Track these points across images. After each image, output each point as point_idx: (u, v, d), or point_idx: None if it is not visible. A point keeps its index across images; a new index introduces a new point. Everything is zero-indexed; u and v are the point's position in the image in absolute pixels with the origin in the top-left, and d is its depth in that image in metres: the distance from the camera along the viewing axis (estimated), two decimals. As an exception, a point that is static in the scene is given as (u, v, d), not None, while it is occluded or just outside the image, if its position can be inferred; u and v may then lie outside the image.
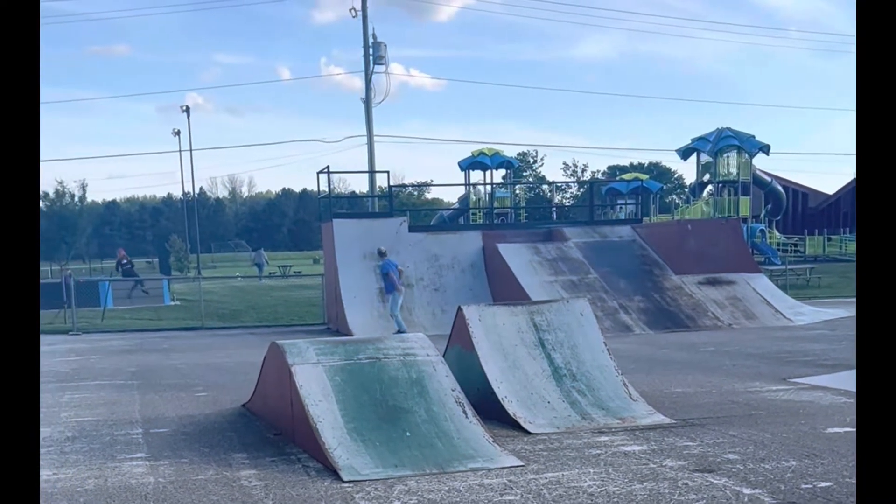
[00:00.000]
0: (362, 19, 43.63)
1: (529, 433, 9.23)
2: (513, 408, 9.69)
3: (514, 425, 9.44)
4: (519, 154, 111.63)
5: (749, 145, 52.16)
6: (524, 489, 7.06)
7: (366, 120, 43.13)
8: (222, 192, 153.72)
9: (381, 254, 21.97)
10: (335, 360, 8.92)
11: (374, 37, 43.81)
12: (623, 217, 45.19)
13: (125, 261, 39.49)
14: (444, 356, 10.50)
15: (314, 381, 8.61)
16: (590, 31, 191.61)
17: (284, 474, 7.83)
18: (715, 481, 7.10)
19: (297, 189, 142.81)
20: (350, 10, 43.95)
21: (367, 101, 43.16)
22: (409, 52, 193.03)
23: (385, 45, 43.74)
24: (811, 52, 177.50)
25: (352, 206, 51.91)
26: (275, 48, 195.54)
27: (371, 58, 43.44)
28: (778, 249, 53.73)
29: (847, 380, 12.11)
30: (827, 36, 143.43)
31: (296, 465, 8.13)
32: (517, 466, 7.83)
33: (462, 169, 54.29)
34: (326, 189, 25.74)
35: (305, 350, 9.03)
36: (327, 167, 25.17)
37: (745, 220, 50.22)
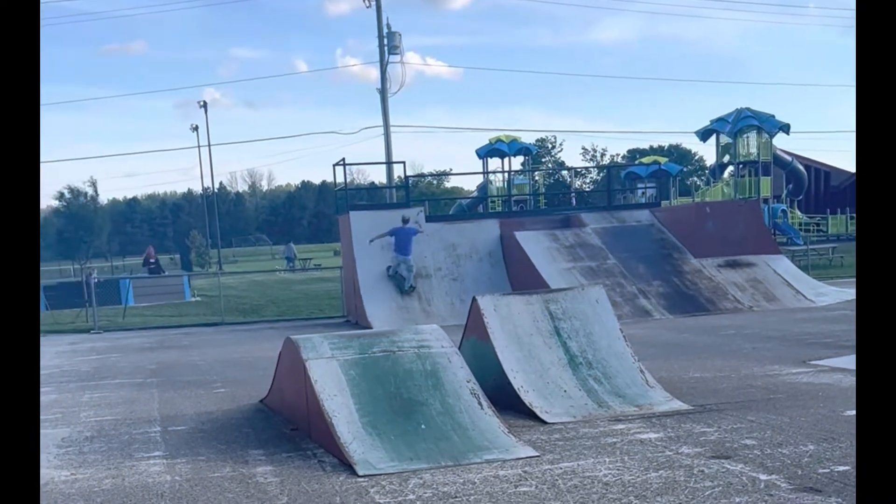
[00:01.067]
0: (376, 9, 43.59)
1: (546, 423, 9.20)
2: (529, 397, 9.66)
3: (531, 415, 9.41)
4: (537, 140, 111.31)
5: (769, 125, 51.84)
6: (539, 480, 7.03)
7: (382, 110, 43.13)
8: (242, 187, 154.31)
9: (405, 221, 22.67)
10: (350, 354, 8.90)
11: (389, 26, 43.75)
12: (643, 201, 45.00)
13: (153, 260, 39.64)
14: (460, 347, 10.50)
15: (329, 375, 8.60)
16: (606, 14, 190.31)
17: (300, 470, 7.83)
18: (731, 468, 7.05)
19: (317, 181, 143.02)
20: (364, 1, 43.93)
21: (383, 92, 43.13)
22: (424, 41, 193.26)
23: (400, 35, 43.67)
24: (830, 29, 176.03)
25: (371, 197, 51.94)
26: (290, 41, 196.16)
27: (386, 48, 43.38)
28: (800, 229, 53.43)
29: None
30: (845, 12, 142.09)
31: (311, 461, 8.13)
32: (533, 457, 7.80)
33: (480, 157, 54.18)
34: (343, 181, 25.65)
35: (320, 345, 9.02)
36: (343, 159, 25.15)
37: (766, 201, 49.97)
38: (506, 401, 9.65)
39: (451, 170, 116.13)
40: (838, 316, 18.73)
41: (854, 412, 8.93)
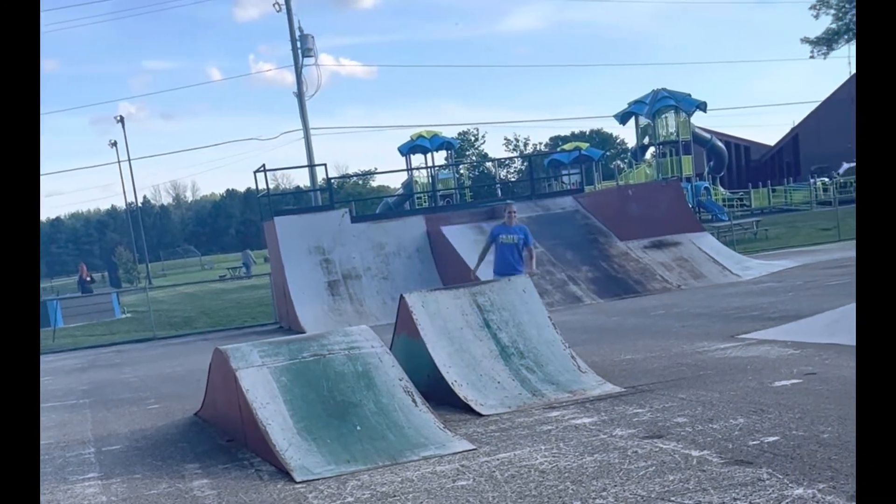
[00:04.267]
0: (287, 13, 43.27)
1: (481, 415, 9.23)
2: (463, 391, 9.69)
3: (466, 409, 9.44)
4: (459, 134, 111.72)
5: (686, 104, 52.58)
6: (477, 472, 7.06)
7: (300, 114, 42.90)
8: (166, 199, 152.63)
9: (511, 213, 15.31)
10: (280, 360, 8.85)
11: (301, 29, 43.49)
12: (567, 188, 45.30)
13: (87, 277, 39.02)
14: (391, 345, 10.50)
15: (260, 383, 8.55)
16: (516, 4, 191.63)
17: (237, 480, 7.77)
18: (664, 446, 7.14)
19: (241, 189, 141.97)
20: (274, 5, 43.55)
21: (300, 95, 42.89)
22: (337, 42, 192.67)
23: (312, 37, 43.42)
24: (737, 5, 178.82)
25: (297, 201, 51.70)
26: (202, 49, 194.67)
27: (300, 51, 43.12)
28: (724, 205, 54.21)
29: (793, 331, 12.24)
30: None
31: (249, 470, 8.07)
32: (469, 450, 7.82)
33: (402, 154, 54.26)
34: (265, 188, 25.51)
35: (249, 353, 8.96)
36: (263, 166, 25.03)
37: (688, 179, 50.67)
38: (441, 396, 9.67)
39: (375, 169, 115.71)
40: (764, 289, 19.04)
41: (783, 382, 9.11)
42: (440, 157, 57.88)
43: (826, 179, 64.45)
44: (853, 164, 70.16)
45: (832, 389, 8.49)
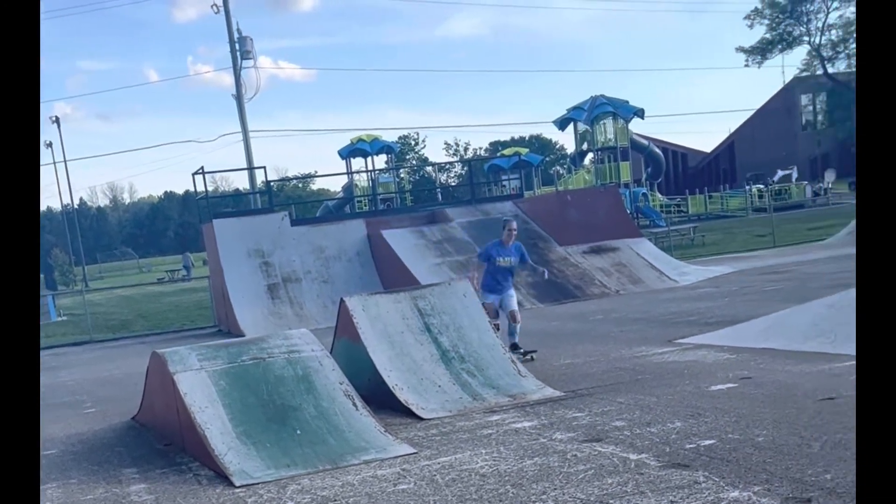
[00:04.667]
0: (225, 14, 42.87)
1: (422, 419, 9.24)
2: (404, 395, 9.70)
3: (407, 412, 9.45)
4: (400, 138, 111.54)
5: (623, 111, 53.07)
6: (417, 476, 7.07)
7: (239, 116, 42.52)
8: (103, 201, 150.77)
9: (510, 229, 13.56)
10: (218, 364, 8.80)
11: (239, 31, 43.07)
12: (507, 193, 45.46)
13: None
14: (332, 349, 10.49)
15: (198, 387, 8.49)
16: (455, 9, 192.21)
17: (175, 485, 7.71)
18: (603, 450, 7.20)
19: (180, 191, 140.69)
20: (212, 6, 43.10)
21: (239, 98, 42.53)
22: (275, 44, 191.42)
23: (251, 39, 43.04)
24: (675, 14, 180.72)
25: (236, 203, 51.36)
26: (139, 50, 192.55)
27: (238, 53, 42.78)
28: (662, 211, 54.70)
29: (729, 336, 12.41)
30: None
31: (187, 475, 8.01)
32: (410, 454, 7.84)
33: (342, 157, 54.12)
34: (203, 190, 25.31)
35: (187, 357, 8.89)
36: (201, 168, 24.83)
37: (626, 186, 51.10)
38: (382, 400, 9.67)
39: (315, 172, 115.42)
40: (701, 294, 19.27)
41: (719, 387, 9.23)
42: (380, 161, 57.82)
43: (761, 186, 65.31)
44: (787, 172, 71.27)
45: (767, 393, 8.62)
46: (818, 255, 25.64)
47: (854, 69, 65.44)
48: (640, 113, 53.60)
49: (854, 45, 63.95)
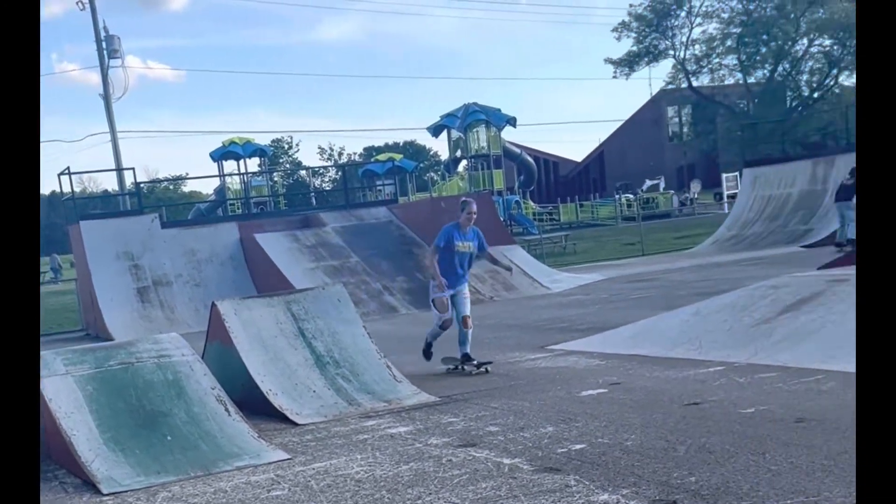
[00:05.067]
0: (91, 12, 41.86)
1: (297, 424, 9.17)
2: (278, 400, 9.60)
3: (282, 418, 9.36)
4: (273, 141, 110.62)
5: (496, 119, 53.69)
6: (292, 482, 7.01)
7: (107, 116, 41.65)
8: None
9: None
10: (85, 368, 8.57)
11: (106, 29, 42.20)
12: (381, 198, 45.49)
13: None
14: (203, 353, 10.32)
15: (64, 392, 8.25)
16: (329, 13, 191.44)
17: (40, 494, 7.48)
18: (477, 454, 7.25)
19: (46, 192, 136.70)
20: (77, 3, 42.03)
21: (107, 97, 41.63)
22: (145, 43, 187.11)
23: (119, 38, 42.19)
24: (548, 24, 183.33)
25: (106, 205, 50.15)
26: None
27: (105, 52, 41.85)
28: (534, 219, 55.46)
29: (599, 342, 12.64)
30: (559, 8, 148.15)
31: (52, 483, 7.79)
32: (284, 460, 7.76)
33: (214, 160, 53.41)
34: (70, 191, 24.70)
35: (52, 361, 8.63)
36: (68, 168, 24.22)
37: (500, 193, 51.64)
38: (255, 405, 9.55)
39: (186, 174, 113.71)
40: (573, 301, 19.58)
41: (589, 392, 9.39)
42: (253, 164, 57.26)
43: (630, 196, 66.78)
44: (655, 182, 73.07)
45: (635, 399, 8.81)
46: (685, 264, 26.34)
47: (716, 83, 67.37)
48: (512, 121, 54.28)
49: (716, 60, 65.75)
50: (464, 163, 58.18)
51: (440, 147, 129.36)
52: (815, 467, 5.92)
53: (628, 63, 68.27)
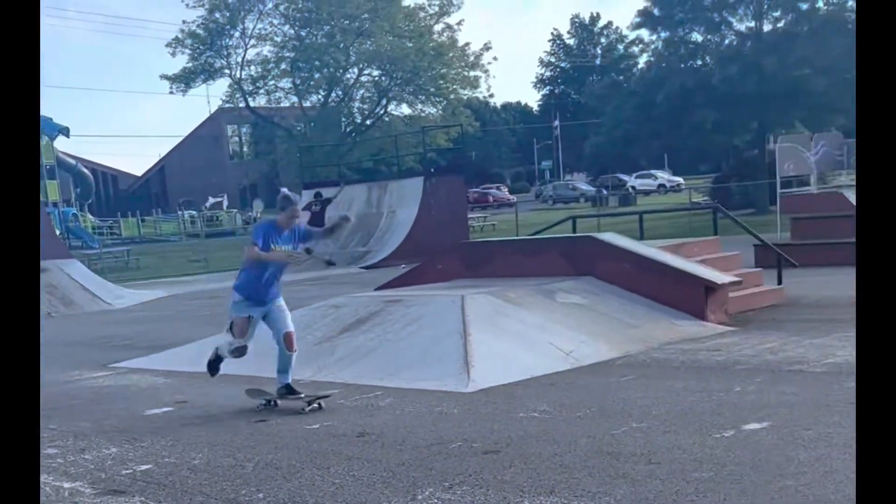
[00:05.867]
0: None
1: None
2: None
3: None
4: None
5: (48, 128, 51.51)
6: None
7: None
8: None
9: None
10: None
11: None
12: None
13: None
14: None
15: None
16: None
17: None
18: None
19: None
20: None
21: None
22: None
23: None
24: (99, 35, 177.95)
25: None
26: None
27: None
28: (94, 233, 53.61)
29: (164, 360, 12.48)
30: (111, 18, 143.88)
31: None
32: None
33: None
34: None
35: None
36: None
37: (55, 205, 49.44)
38: None
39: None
40: (137, 318, 19.18)
41: (154, 411, 9.27)
42: None
43: (194, 213, 66.30)
44: (218, 199, 73.14)
45: (202, 416, 8.82)
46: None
47: (273, 105, 68.15)
48: (65, 131, 52.35)
49: (272, 82, 66.40)
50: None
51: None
52: (375, 479, 6.23)
53: (184, 79, 66.90)
